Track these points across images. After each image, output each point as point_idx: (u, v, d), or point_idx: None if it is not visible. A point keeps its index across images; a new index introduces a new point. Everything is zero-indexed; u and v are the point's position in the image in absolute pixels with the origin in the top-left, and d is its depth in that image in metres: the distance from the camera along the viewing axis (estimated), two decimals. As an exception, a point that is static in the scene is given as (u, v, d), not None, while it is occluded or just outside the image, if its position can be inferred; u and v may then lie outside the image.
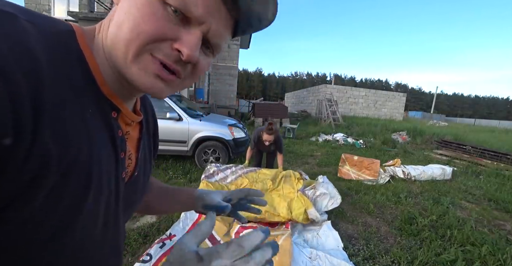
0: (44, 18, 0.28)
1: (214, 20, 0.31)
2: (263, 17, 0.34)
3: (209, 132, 4.29)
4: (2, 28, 0.21)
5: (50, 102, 0.24)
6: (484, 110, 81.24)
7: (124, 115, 0.37)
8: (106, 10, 9.03)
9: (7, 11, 0.23)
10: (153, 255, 1.75)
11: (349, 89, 17.73)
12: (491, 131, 15.86)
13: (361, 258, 2.07)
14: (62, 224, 0.27)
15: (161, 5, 0.29)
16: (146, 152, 0.47)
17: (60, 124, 0.25)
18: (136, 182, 0.43)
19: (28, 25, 0.24)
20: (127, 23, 0.29)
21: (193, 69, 0.34)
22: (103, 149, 0.32)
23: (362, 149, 7.44)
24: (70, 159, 0.26)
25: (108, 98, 0.33)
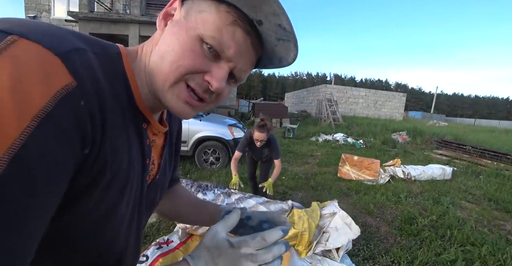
0: (100, 45, 0.33)
1: (242, 59, 0.36)
2: (284, 59, 0.40)
3: (209, 132, 4.29)
4: (81, 60, 0.27)
5: (109, 120, 0.30)
6: (484, 110, 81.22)
7: (153, 126, 0.42)
8: (106, 10, 9.03)
9: (82, 48, 0.28)
10: (150, 256, 1.75)
11: (349, 89, 17.73)
12: (491, 131, 15.86)
13: (361, 258, 2.08)
14: (106, 215, 0.33)
15: (199, 43, 0.34)
16: (167, 158, 0.52)
17: (114, 138, 0.31)
18: (157, 185, 0.48)
19: (92, 56, 0.29)
20: (169, 57, 0.34)
21: (217, 96, 0.40)
22: (136, 156, 0.38)
23: (362, 149, 7.44)
24: (118, 165, 0.32)
25: (142, 113, 0.39)
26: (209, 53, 0.34)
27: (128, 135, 0.35)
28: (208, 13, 0.33)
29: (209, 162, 4.40)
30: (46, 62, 0.24)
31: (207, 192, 2.02)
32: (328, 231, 1.98)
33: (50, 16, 10.23)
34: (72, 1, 9.93)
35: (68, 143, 0.24)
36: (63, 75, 0.25)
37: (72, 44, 0.27)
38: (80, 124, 0.26)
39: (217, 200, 1.93)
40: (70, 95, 0.24)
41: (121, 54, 0.36)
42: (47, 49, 0.24)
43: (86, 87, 0.26)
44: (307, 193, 3.54)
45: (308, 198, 3.32)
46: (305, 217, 1.93)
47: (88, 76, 0.27)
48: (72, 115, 0.25)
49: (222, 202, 1.89)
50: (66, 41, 0.27)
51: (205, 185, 2.13)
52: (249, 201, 1.96)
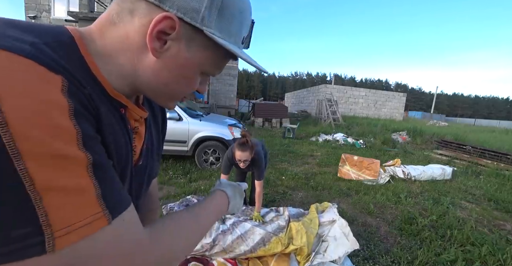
0: (47, 33, 0.31)
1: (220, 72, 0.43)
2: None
3: (209, 132, 4.29)
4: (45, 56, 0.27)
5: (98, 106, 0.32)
6: (484, 110, 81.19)
7: (131, 110, 0.41)
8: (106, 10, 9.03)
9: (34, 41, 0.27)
10: None
11: (349, 89, 17.72)
12: (491, 131, 15.86)
13: (361, 258, 2.08)
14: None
15: (200, 73, 0.39)
16: (151, 144, 0.51)
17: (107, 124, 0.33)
18: (141, 170, 0.49)
19: (44, 47, 0.28)
20: (174, 87, 0.38)
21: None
22: (124, 142, 0.39)
23: (362, 149, 7.44)
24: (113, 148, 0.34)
25: (115, 98, 0.37)
26: (201, 75, 0.40)
27: (115, 123, 0.36)
28: (213, 52, 0.37)
29: (209, 162, 4.40)
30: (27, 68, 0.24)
31: None
32: (327, 240, 1.97)
33: (50, 16, 10.22)
34: (72, 1, 9.92)
35: (91, 123, 0.29)
36: (49, 73, 0.25)
37: (23, 40, 0.26)
38: (87, 109, 0.29)
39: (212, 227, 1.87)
40: (70, 89, 0.27)
41: (73, 39, 0.33)
42: (15, 53, 0.24)
43: (71, 79, 0.28)
44: (307, 193, 3.54)
45: (308, 198, 3.32)
46: (303, 230, 1.89)
47: (62, 69, 0.27)
48: (80, 104, 0.28)
49: (217, 228, 1.85)
50: (15, 38, 0.26)
51: None
52: (245, 224, 1.92)
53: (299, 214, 2.31)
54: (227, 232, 1.84)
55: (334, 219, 2.06)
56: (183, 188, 3.34)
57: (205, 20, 0.33)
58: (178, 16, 0.32)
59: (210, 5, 0.33)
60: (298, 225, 1.96)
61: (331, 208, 2.30)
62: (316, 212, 2.26)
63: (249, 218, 2.10)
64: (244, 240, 1.80)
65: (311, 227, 2.00)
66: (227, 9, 0.35)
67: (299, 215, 2.30)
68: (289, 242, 1.84)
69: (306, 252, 1.80)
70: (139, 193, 0.50)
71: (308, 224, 2.04)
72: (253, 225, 1.93)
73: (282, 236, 1.86)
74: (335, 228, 2.02)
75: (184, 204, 2.20)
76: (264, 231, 1.88)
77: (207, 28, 0.34)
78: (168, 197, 3.04)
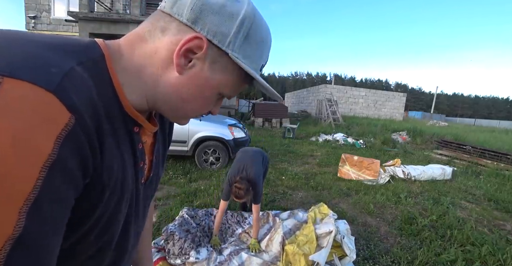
0: (82, 50, 0.32)
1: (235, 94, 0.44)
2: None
3: (209, 132, 4.29)
4: (75, 89, 0.26)
5: (106, 141, 0.31)
6: (484, 110, 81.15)
7: (145, 128, 0.42)
8: (106, 10, 9.02)
9: (70, 67, 0.27)
10: None
11: (349, 89, 17.73)
12: (491, 131, 15.86)
13: (361, 258, 2.08)
14: (108, 224, 0.36)
15: (218, 95, 0.40)
16: (160, 154, 0.52)
17: (110, 159, 0.32)
18: (152, 181, 0.50)
19: (81, 70, 0.28)
20: (191, 105, 0.39)
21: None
22: (128, 163, 0.38)
23: (362, 149, 7.44)
24: (113, 181, 0.33)
25: (132, 117, 0.37)
26: (217, 96, 0.41)
27: (120, 144, 0.35)
28: (231, 75, 0.38)
29: (209, 162, 4.40)
30: (41, 103, 0.22)
31: (200, 248, 1.88)
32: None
33: (50, 16, 10.22)
34: (72, 1, 9.93)
35: (73, 181, 0.26)
36: (61, 114, 0.23)
37: (60, 67, 0.26)
38: (83, 160, 0.26)
39: (210, 257, 1.82)
40: (71, 134, 0.24)
41: (104, 56, 0.33)
42: (38, 86, 0.22)
43: (84, 119, 0.26)
44: (307, 193, 3.54)
45: (308, 198, 3.32)
46: (299, 254, 1.82)
47: (84, 104, 0.26)
48: (75, 154, 0.25)
49: (215, 260, 1.81)
50: (53, 65, 0.25)
51: (197, 240, 1.97)
52: (242, 254, 1.89)
53: (295, 226, 2.21)
54: (224, 263, 1.81)
55: (330, 229, 2.00)
56: (183, 188, 3.35)
57: (231, 44, 0.35)
58: (208, 38, 0.34)
59: (238, 31, 0.35)
60: (294, 248, 1.86)
61: (330, 218, 2.25)
62: (312, 224, 2.16)
63: (246, 247, 2.05)
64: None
65: (308, 246, 1.93)
66: (252, 37, 0.37)
67: (296, 227, 2.20)
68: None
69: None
70: (147, 200, 0.51)
71: (304, 243, 1.95)
72: (250, 255, 1.90)
73: (279, 264, 1.84)
74: (332, 239, 1.96)
75: (185, 228, 2.04)
76: (261, 260, 1.85)
77: (233, 52, 0.36)
78: (168, 197, 3.04)
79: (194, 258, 1.77)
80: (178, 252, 1.79)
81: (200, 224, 2.24)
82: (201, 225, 2.24)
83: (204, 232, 2.19)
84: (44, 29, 10.15)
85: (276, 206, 2.98)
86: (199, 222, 2.27)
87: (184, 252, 1.80)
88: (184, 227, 2.06)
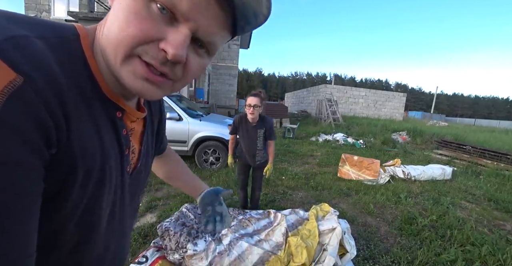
0: (50, 27, 0.29)
1: (203, 17, 0.30)
2: (258, 12, 0.33)
3: (209, 132, 4.28)
4: (22, 51, 0.24)
5: (73, 114, 0.28)
6: (484, 110, 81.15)
7: (129, 113, 0.39)
8: (106, 10, 9.03)
9: (22, 34, 0.25)
10: (149, 257, 1.74)
11: (349, 89, 17.72)
12: (491, 131, 15.86)
13: (361, 258, 2.08)
14: (89, 208, 0.33)
15: (145, 3, 0.28)
16: (149, 144, 0.50)
17: (81, 133, 0.29)
18: (139, 173, 0.46)
19: (39, 42, 0.26)
20: (114, 27, 0.29)
21: (184, 70, 0.33)
22: (111, 148, 0.35)
23: (362, 149, 7.44)
24: (89, 161, 0.31)
25: (112, 100, 0.35)
26: (160, 15, 0.28)
27: (98, 127, 0.33)
28: None
29: (209, 162, 4.40)
30: None
31: (198, 240, 1.85)
32: (327, 249, 1.92)
33: (50, 16, 10.23)
34: (72, 1, 9.93)
35: (28, 144, 0.23)
36: (3, 72, 0.22)
37: (7, 32, 0.24)
38: (41, 124, 0.24)
39: (208, 248, 1.78)
40: (17, 93, 0.22)
41: (79, 36, 0.31)
42: None
43: (36, 81, 0.24)
44: (307, 193, 3.54)
45: (308, 198, 3.32)
46: (302, 246, 1.82)
47: (35, 68, 0.24)
48: (25, 114, 0.23)
49: (214, 250, 1.77)
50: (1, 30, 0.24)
51: (194, 232, 1.94)
52: (242, 243, 1.85)
53: (297, 221, 2.21)
54: (223, 253, 1.77)
55: (334, 226, 1.99)
56: (183, 188, 3.34)
57: None
58: None
59: None
60: (297, 240, 1.87)
61: (332, 215, 2.25)
62: (315, 220, 2.16)
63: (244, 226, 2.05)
64: (242, 261, 1.74)
65: (311, 240, 1.94)
66: None
67: (298, 223, 2.20)
68: (289, 260, 1.78)
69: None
70: (134, 197, 0.48)
71: (307, 237, 1.96)
72: (250, 243, 1.86)
73: (281, 254, 1.80)
74: (335, 237, 1.97)
75: (180, 222, 2.01)
76: (262, 250, 1.82)
77: None
78: (168, 197, 3.04)
79: (192, 251, 1.74)
80: (175, 247, 1.77)
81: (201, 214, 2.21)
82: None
83: None
84: (44, 29, 10.15)
85: (276, 206, 2.98)
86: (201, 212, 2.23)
87: (181, 246, 1.77)
88: (180, 221, 2.04)
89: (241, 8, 0.31)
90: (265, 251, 1.81)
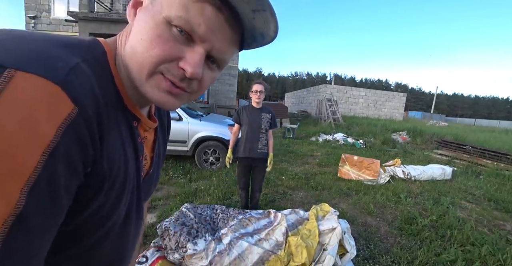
0: (85, 47, 0.32)
1: (217, 38, 0.34)
2: (265, 34, 0.37)
3: (209, 132, 4.29)
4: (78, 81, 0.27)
5: (106, 133, 0.31)
6: (484, 110, 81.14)
7: (143, 123, 0.42)
8: (106, 10, 9.03)
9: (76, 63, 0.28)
10: (149, 257, 1.74)
11: (349, 89, 17.72)
12: (491, 131, 15.86)
13: (361, 258, 2.08)
14: (109, 214, 0.35)
15: (167, 27, 0.32)
16: (161, 151, 0.53)
17: (111, 149, 0.32)
18: (151, 177, 0.49)
19: (85, 67, 0.29)
20: (139, 47, 0.33)
21: (199, 83, 0.37)
22: (130, 157, 0.38)
23: (362, 149, 7.44)
24: (115, 171, 0.33)
25: (131, 110, 0.38)
26: (180, 37, 0.32)
27: (122, 138, 0.36)
28: None
29: (209, 162, 4.40)
30: (47, 94, 0.24)
31: (198, 240, 1.83)
32: (327, 249, 1.92)
33: (50, 16, 10.23)
34: (72, 1, 9.93)
35: (73, 169, 0.26)
36: (65, 104, 0.25)
37: (67, 63, 0.27)
38: (83, 149, 0.27)
39: (208, 247, 1.77)
40: (73, 124, 0.25)
41: (106, 53, 0.34)
42: (46, 79, 0.24)
43: (86, 110, 0.27)
44: (307, 193, 3.54)
45: (308, 198, 3.32)
46: (302, 245, 1.82)
47: (87, 97, 0.27)
48: (76, 143, 0.26)
49: (214, 249, 1.76)
50: (59, 60, 0.26)
51: (194, 232, 1.92)
52: (242, 243, 1.83)
53: (297, 221, 2.20)
54: (224, 253, 1.77)
55: (334, 226, 1.98)
56: (183, 188, 3.34)
57: None
58: None
59: None
60: (297, 239, 1.87)
61: (332, 215, 2.25)
62: (315, 220, 2.15)
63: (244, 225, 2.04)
64: (242, 260, 1.73)
65: (311, 239, 1.93)
66: None
67: (298, 222, 2.19)
68: (289, 259, 1.78)
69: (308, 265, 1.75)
70: (144, 198, 0.50)
71: (307, 236, 1.95)
72: (250, 243, 1.85)
73: (281, 253, 1.79)
74: (335, 237, 1.97)
75: (180, 221, 2.01)
76: (262, 249, 1.81)
77: None
78: (168, 197, 3.04)
79: (192, 250, 1.74)
80: (175, 246, 1.77)
81: (201, 213, 2.21)
82: (202, 214, 2.21)
83: (206, 221, 2.15)
84: (44, 29, 10.15)
85: (276, 206, 2.98)
86: (201, 212, 2.24)
87: (181, 246, 1.76)
88: (180, 220, 2.04)
89: (250, 30, 0.36)
90: (265, 250, 1.81)
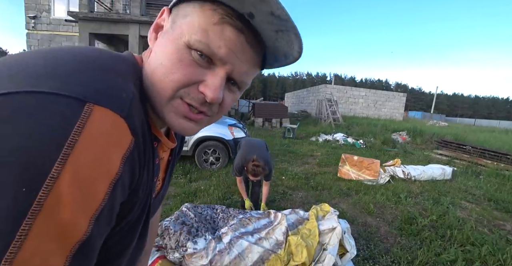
0: (133, 70, 0.32)
1: (238, 60, 0.32)
2: (288, 54, 0.35)
3: (209, 132, 4.28)
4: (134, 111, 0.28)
5: (143, 156, 0.31)
6: (484, 110, 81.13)
7: (163, 144, 0.41)
8: (106, 10, 9.03)
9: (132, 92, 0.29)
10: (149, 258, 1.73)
11: (349, 89, 17.72)
12: (491, 131, 15.85)
13: (361, 258, 2.08)
14: (127, 232, 0.35)
15: (188, 51, 0.31)
16: (172, 170, 0.52)
17: (144, 171, 0.32)
18: (160, 198, 0.49)
19: (135, 90, 0.30)
20: (159, 72, 0.32)
21: (220, 107, 0.36)
22: (150, 178, 0.37)
23: (362, 149, 7.44)
24: (143, 194, 0.34)
25: (153, 132, 0.36)
26: (200, 60, 0.31)
27: (148, 161, 0.35)
28: (193, 16, 0.31)
29: (209, 162, 4.40)
30: (116, 128, 0.25)
31: (198, 239, 1.83)
32: (327, 248, 1.92)
33: (50, 16, 10.23)
34: (72, 1, 9.92)
35: (124, 194, 0.28)
36: (126, 136, 0.26)
37: (127, 94, 0.28)
38: (133, 176, 0.29)
39: (209, 246, 1.77)
40: (131, 154, 0.27)
41: (141, 70, 0.35)
42: (115, 113, 0.25)
43: (139, 140, 0.28)
44: (307, 193, 3.54)
45: (308, 198, 3.32)
46: (302, 245, 1.82)
47: (139, 126, 0.28)
48: (130, 172, 0.28)
49: (214, 249, 1.76)
50: (122, 90, 0.27)
51: (194, 231, 1.92)
52: (242, 242, 1.84)
53: (297, 221, 2.20)
54: (224, 252, 1.77)
55: (334, 226, 1.98)
56: (183, 188, 3.34)
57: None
58: (170, 6, 0.35)
59: None
60: (297, 239, 1.87)
61: (332, 215, 2.24)
62: (315, 220, 2.15)
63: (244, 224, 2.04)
64: (242, 260, 1.73)
65: (311, 239, 1.93)
66: None
67: (298, 222, 2.19)
68: (289, 259, 1.78)
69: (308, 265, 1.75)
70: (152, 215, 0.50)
71: (307, 236, 1.95)
72: (251, 242, 1.86)
73: (281, 253, 1.79)
74: (335, 237, 1.97)
75: (180, 221, 2.00)
76: (262, 248, 1.81)
77: None
78: (168, 197, 3.04)
79: (192, 249, 1.73)
80: (175, 246, 1.76)
81: (201, 213, 2.21)
82: (202, 214, 2.20)
83: (206, 220, 2.14)
84: (44, 29, 10.15)
85: (276, 206, 2.98)
86: (201, 211, 2.24)
87: (181, 245, 1.76)
88: (180, 219, 2.03)
89: (273, 51, 0.35)
90: (265, 249, 1.81)
